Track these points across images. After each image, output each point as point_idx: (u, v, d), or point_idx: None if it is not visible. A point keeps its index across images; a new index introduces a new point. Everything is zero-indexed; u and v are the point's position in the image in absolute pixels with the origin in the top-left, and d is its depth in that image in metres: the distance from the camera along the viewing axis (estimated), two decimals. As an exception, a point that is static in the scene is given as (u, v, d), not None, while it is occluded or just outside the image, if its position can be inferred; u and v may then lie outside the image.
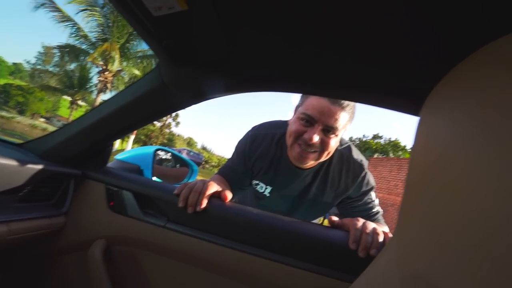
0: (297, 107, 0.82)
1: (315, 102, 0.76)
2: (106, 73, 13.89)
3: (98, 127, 0.79)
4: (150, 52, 14.65)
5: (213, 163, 34.72)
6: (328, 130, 0.76)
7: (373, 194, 0.91)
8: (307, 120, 0.77)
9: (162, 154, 1.49)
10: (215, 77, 0.65)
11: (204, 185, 0.76)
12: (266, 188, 0.90)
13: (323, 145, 0.77)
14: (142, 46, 14.60)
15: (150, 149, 1.26)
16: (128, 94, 0.75)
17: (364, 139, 28.34)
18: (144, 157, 1.17)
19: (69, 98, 20.28)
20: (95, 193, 0.86)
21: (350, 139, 29.26)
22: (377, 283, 0.43)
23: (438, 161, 0.33)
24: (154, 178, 1.27)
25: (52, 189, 0.82)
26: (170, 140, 36.75)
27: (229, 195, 0.77)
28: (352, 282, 0.60)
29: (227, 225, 0.76)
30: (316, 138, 0.75)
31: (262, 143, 0.88)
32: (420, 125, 0.40)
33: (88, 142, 0.82)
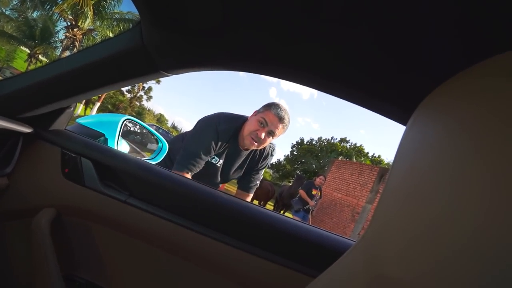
0: (257, 112, 1.23)
1: (271, 116, 1.19)
2: (76, 30, 12.66)
3: (59, 81, 0.68)
4: (129, 16, 13.60)
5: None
6: (270, 133, 1.20)
7: (262, 173, 1.46)
8: (262, 123, 1.19)
9: (131, 126, 1.38)
10: (203, 48, 0.59)
11: None
12: (218, 161, 1.31)
13: (263, 141, 1.21)
14: (120, 8, 13.47)
15: (118, 117, 1.15)
16: (100, 50, 0.65)
17: (332, 141, 29.50)
18: (111, 125, 1.07)
19: (27, 50, 18.06)
20: (48, 156, 0.76)
21: (319, 139, 30.34)
22: (342, 282, 0.43)
23: (423, 168, 0.33)
24: (122, 148, 1.18)
25: None
26: (139, 114, 35.05)
27: None
28: (311, 275, 0.61)
29: (193, 206, 0.73)
30: (262, 135, 1.18)
31: (225, 135, 1.23)
32: (407, 133, 0.40)
33: (45, 97, 0.71)
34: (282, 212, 7.78)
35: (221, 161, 1.29)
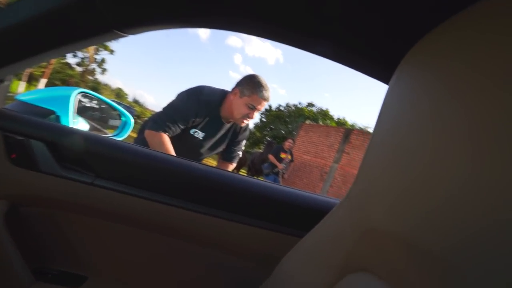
0: (242, 94, 1.27)
1: (258, 99, 1.27)
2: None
3: None
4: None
5: (146, 118, 32.11)
6: (257, 110, 1.30)
7: (243, 144, 1.54)
8: (251, 108, 1.28)
9: (86, 101, 1.24)
10: (165, 1, 0.51)
11: None
12: (200, 134, 1.34)
13: (252, 118, 1.32)
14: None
15: (68, 90, 1.01)
16: (34, 3, 0.52)
17: (299, 106, 29.99)
18: (61, 100, 0.92)
19: None
20: None
21: (287, 104, 30.66)
22: (331, 238, 0.45)
23: (406, 124, 0.34)
24: (80, 127, 1.07)
25: None
26: (94, 89, 31.97)
27: None
28: (298, 236, 0.63)
29: (167, 180, 0.70)
30: (253, 116, 1.30)
31: (207, 106, 1.27)
32: (390, 91, 0.40)
33: None
34: (255, 177, 7.97)
35: (202, 134, 1.33)
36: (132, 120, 1.27)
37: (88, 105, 1.45)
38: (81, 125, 1.23)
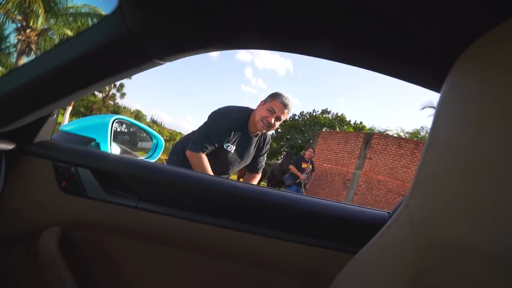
0: (265, 102, 1.46)
1: (277, 104, 1.42)
2: (28, 31, 11.63)
3: (38, 86, 0.59)
4: (85, 9, 12.61)
5: (164, 137, 33.12)
6: (277, 119, 1.44)
7: (265, 156, 1.72)
8: (270, 111, 1.41)
9: (119, 126, 1.29)
10: (198, 29, 0.53)
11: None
12: (232, 148, 1.47)
13: (273, 125, 1.44)
14: (74, 1, 12.43)
15: (105, 118, 1.05)
16: (78, 44, 0.56)
17: (314, 114, 29.81)
18: (100, 127, 0.97)
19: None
20: (39, 172, 0.70)
21: (301, 113, 30.54)
22: (391, 251, 0.42)
23: (463, 133, 0.34)
24: (113, 151, 1.11)
25: None
26: (115, 113, 33.61)
27: None
28: (349, 252, 0.60)
29: (206, 199, 0.70)
30: (272, 121, 1.42)
31: (238, 122, 1.43)
32: (444, 99, 0.39)
33: (23, 107, 0.62)
34: (277, 189, 7.89)
35: (234, 147, 1.49)
36: (163, 141, 1.30)
37: (119, 129, 1.50)
38: (114, 149, 1.27)
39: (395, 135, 19.87)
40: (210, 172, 1.32)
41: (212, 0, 0.46)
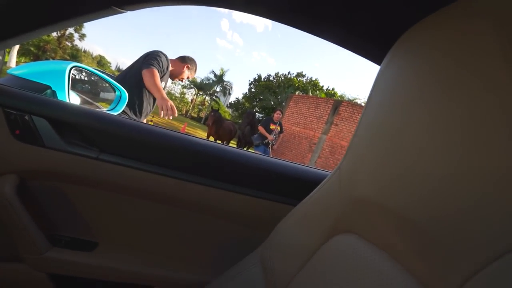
0: (182, 62, 2.01)
1: (191, 69, 2.05)
2: None
3: None
4: None
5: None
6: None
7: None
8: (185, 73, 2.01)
9: (77, 74, 1.20)
10: None
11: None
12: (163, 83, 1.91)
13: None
14: None
15: (61, 64, 0.99)
16: None
17: (289, 76, 29.47)
18: (56, 74, 0.92)
19: None
20: None
21: (276, 74, 30.01)
22: (322, 204, 0.50)
23: (394, 104, 0.38)
24: (71, 101, 1.06)
25: None
26: (73, 57, 29.91)
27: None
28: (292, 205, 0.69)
29: (168, 154, 0.73)
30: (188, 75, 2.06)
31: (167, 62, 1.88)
32: (383, 71, 0.43)
33: None
34: (245, 148, 8.06)
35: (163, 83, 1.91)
36: (127, 94, 1.26)
37: (78, 77, 1.41)
38: (73, 98, 1.21)
39: (362, 104, 20.65)
40: (159, 86, 1.66)
41: None
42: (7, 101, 0.65)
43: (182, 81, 2.05)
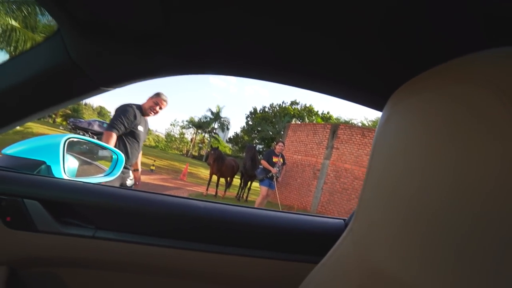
0: (151, 98, 2.25)
1: (160, 99, 2.25)
2: (-37, 21, 10.26)
3: None
4: (31, -3, 11.37)
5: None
6: (160, 108, 2.28)
7: None
8: (157, 104, 2.23)
9: (75, 144, 1.19)
10: (144, 56, 0.51)
11: None
12: (141, 128, 2.18)
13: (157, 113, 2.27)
14: (16, -12, 11.11)
15: (57, 138, 0.98)
16: (17, 69, 0.52)
17: (283, 105, 30.19)
18: (50, 148, 0.91)
19: None
20: None
21: (271, 105, 30.80)
22: (338, 274, 0.44)
23: (401, 156, 0.34)
24: (70, 164, 1.03)
25: None
26: (75, 111, 31.05)
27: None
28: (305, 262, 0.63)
29: (168, 223, 0.69)
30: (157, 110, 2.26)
31: (136, 110, 2.12)
32: (382, 125, 0.40)
33: None
34: (249, 183, 7.98)
35: (142, 127, 2.20)
36: (123, 157, 1.24)
37: (75, 141, 1.40)
38: (71, 162, 1.18)
39: (359, 124, 20.90)
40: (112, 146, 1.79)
41: (156, 27, 0.44)
42: None
43: (154, 113, 2.23)
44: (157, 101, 2.20)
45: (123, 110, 2.04)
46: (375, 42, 0.41)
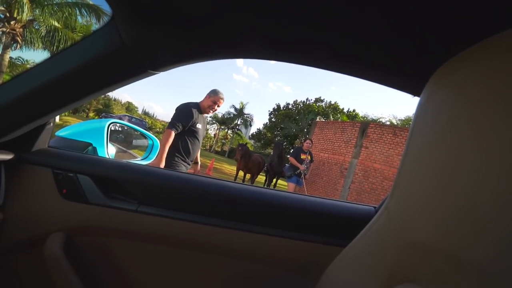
0: (209, 96, 2.30)
1: (218, 98, 2.30)
2: (12, 22, 11.16)
3: (35, 98, 0.60)
4: (71, -2, 12.11)
5: (157, 129, 32.82)
6: (218, 106, 2.35)
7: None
8: (215, 103, 2.29)
9: (115, 128, 1.27)
10: (192, 40, 0.53)
11: None
12: (199, 125, 2.25)
13: (215, 110, 2.34)
14: (59, -9, 11.90)
15: (101, 122, 1.06)
16: (75, 56, 0.57)
17: (307, 102, 29.79)
18: (96, 132, 0.97)
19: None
20: (40, 180, 0.71)
21: (295, 102, 30.48)
22: (372, 250, 0.46)
23: (440, 137, 0.35)
24: (109, 151, 1.10)
25: None
26: (106, 106, 33.10)
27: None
28: (339, 246, 0.63)
29: (205, 201, 0.73)
30: (216, 107, 2.32)
31: (194, 109, 2.20)
32: (423, 103, 0.41)
33: (21, 117, 0.63)
34: (274, 180, 7.96)
35: (200, 125, 2.26)
36: (158, 142, 1.30)
37: (113, 129, 1.48)
38: (110, 149, 1.26)
39: (387, 123, 20.02)
40: (165, 147, 1.86)
41: (205, 11, 0.45)
42: (55, 163, 0.72)
43: (213, 111, 2.28)
44: (215, 99, 2.26)
45: (182, 110, 2.13)
46: (416, 25, 0.40)
